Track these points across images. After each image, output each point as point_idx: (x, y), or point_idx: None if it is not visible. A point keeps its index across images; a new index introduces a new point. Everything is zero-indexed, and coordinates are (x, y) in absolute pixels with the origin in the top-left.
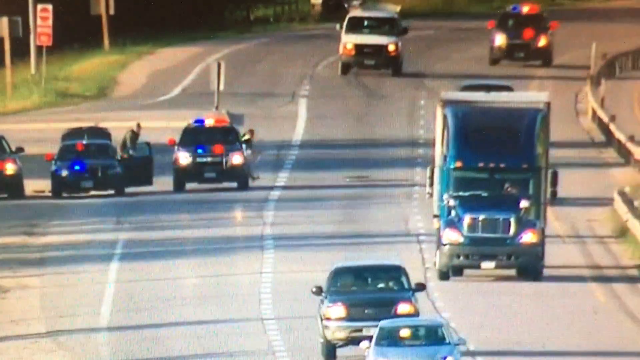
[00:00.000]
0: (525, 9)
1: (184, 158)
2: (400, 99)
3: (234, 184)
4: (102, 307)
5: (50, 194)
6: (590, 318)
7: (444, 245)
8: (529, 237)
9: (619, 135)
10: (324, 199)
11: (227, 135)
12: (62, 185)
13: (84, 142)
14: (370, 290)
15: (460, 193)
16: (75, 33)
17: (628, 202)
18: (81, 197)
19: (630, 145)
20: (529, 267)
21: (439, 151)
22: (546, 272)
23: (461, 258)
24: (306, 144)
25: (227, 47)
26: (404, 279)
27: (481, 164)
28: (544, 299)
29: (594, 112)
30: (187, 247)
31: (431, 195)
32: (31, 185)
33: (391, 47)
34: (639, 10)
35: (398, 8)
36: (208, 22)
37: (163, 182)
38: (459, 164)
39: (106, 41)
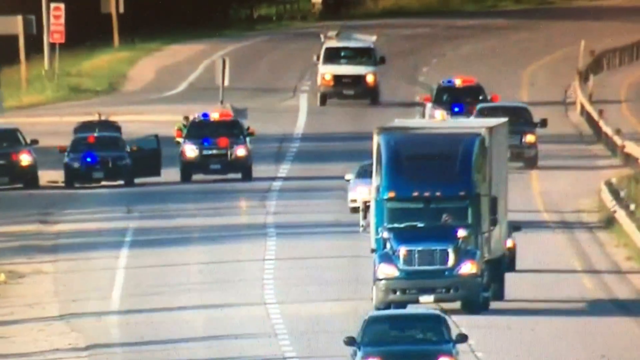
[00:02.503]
0: (458, 82)
1: (190, 150)
2: (397, 94)
3: (238, 175)
4: (112, 292)
5: (63, 184)
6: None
7: (380, 280)
8: (468, 268)
9: (607, 129)
10: (324, 189)
11: (232, 129)
12: (75, 176)
13: (95, 134)
14: (408, 342)
15: (395, 225)
16: (87, 31)
17: (614, 192)
18: (92, 187)
19: (616, 139)
20: (470, 299)
21: (374, 182)
22: (539, 263)
23: (398, 293)
24: (307, 136)
25: (231, 44)
26: (444, 329)
27: (415, 194)
28: (541, 290)
29: (583, 107)
30: (194, 235)
31: (365, 228)
32: (45, 176)
33: (370, 78)
34: (627, 8)
35: (374, 37)
36: (213, 20)
37: (170, 173)
38: (391, 194)
39: (116, 38)
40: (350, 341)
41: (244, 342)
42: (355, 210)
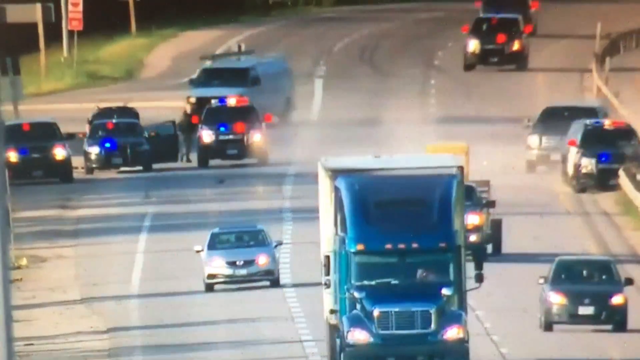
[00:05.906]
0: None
1: (207, 136)
2: (411, 79)
3: (255, 160)
4: (132, 276)
5: (83, 170)
6: None
7: (350, 346)
8: (454, 333)
9: (623, 111)
10: None
11: (248, 114)
12: (94, 162)
13: (114, 121)
14: None
15: (365, 282)
16: (104, 18)
17: (632, 176)
18: (112, 173)
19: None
20: None
21: (329, 233)
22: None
23: None
24: (322, 122)
25: (247, 30)
26: None
27: (388, 246)
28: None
29: (599, 90)
30: (211, 220)
31: (328, 285)
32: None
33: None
34: None
35: (283, 56)
36: (229, 6)
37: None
38: (360, 246)
39: (133, 25)
40: None
41: (262, 324)
42: (211, 287)
